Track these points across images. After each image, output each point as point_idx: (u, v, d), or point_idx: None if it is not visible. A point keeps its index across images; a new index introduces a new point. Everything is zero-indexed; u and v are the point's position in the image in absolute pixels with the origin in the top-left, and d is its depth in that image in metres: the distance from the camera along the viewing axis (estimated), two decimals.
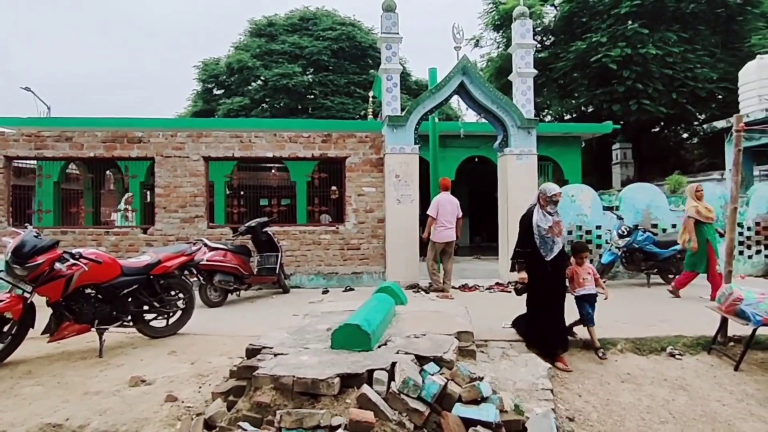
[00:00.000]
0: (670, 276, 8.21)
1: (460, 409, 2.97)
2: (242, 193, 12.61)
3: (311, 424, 2.70)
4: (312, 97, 28.05)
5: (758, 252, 9.15)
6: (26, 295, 4.17)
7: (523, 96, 8.72)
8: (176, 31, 69.00)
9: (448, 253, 7.65)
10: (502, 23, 16.29)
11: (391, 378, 3.09)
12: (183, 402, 3.58)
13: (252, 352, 3.56)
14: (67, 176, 12.24)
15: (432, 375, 3.13)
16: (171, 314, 5.18)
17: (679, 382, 4.29)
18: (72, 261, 4.23)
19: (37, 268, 4.03)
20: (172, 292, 5.17)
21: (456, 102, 21.04)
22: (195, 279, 5.78)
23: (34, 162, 9.91)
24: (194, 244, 6.42)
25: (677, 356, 4.79)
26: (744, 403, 3.89)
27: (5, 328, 4.14)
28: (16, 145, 7.75)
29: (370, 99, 22.74)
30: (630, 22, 13.58)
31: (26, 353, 4.42)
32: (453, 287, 7.89)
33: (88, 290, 4.50)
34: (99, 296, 4.56)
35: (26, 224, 4.44)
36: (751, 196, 9.17)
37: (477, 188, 16.91)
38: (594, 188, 9.38)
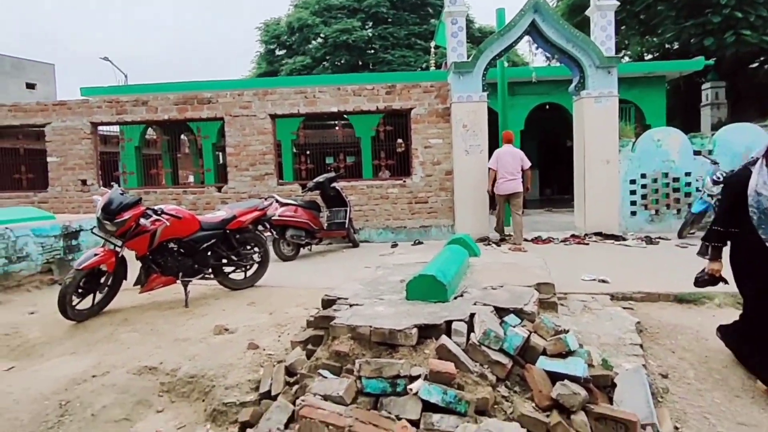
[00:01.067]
0: None
1: (545, 363, 2.81)
2: (308, 151, 12.75)
3: (390, 373, 2.66)
4: (372, 51, 27.54)
5: None
6: (117, 249, 4.44)
7: (603, 32, 7.94)
8: None
9: (516, 205, 7.34)
10: None
11: (470, 330, 2.99)
12: (264, 350, 3.69)
13: (327, 302, 3.58)
14: (147, 141, 12.88)
15: (513, 327, 2.99)
16: (248, 267, 5.36)
17: None
18: (155, 217, 4.42)
19: (125, 223, 4.25)
20: (248, 246, 5.33)
21: (525, 46, 19.69)
22: (268, 234, 5.92)
23: (117, 129, 10.52)
24: (266, 199, 6.57)
25: None
26: None
27: (102, 280, 4.44)
28: (99, 112, 8.19)
29: (432, 49, 21.99)
30: None
31: (121, 303, 4.75)
32: (525, 239, 7.59)
33: (171, 245, 4.71)
34: (181, 250, 4.77)
35: (112, 183, 4.68)
36: None
37: (547, 137, 16.05)
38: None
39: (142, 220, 4.35)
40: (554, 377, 2.77)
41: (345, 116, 10.27)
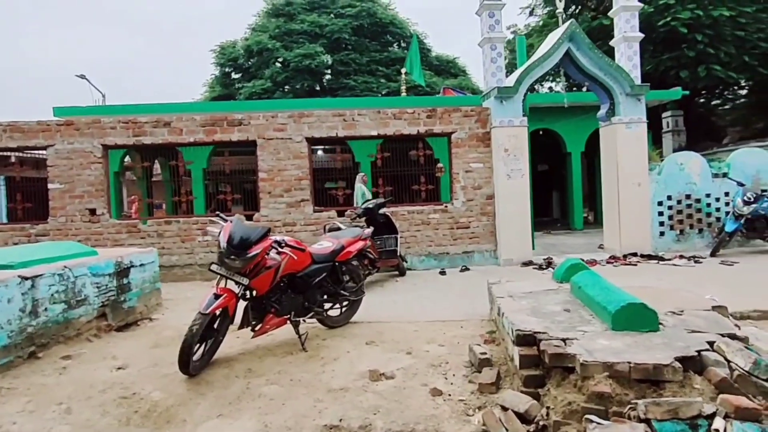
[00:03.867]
0: None
1: None
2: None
3: (690, 413, 2.42)
4: (334, 77, 27.43)
5: None
6: (235, 288, 3.87)
7: (629, 61, 8.34)
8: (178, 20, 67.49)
9: None
10: None
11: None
12: (450, 395, 3.31)
13: (525, 337, 3.28)
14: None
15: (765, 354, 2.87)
16: (344, 303, 4.90)
17: None
18: (279, 249, 3.92)
19: (255, 258, 3.72)
20: (349, 280, 4.89)
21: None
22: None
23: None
24: (327, 229, 6.14)
25: None
26: None
27: (215, 325, 3.84)
28: (113, 133, 7.35)
29: (403, 75, 22.30)
30: None
31: (221, 350, 4.13)
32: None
33: (283, 281, 4.20)
34: (292, 287, 4.26)
35: (218, 213, 4.10)
36: None
37: (538, 162, 16.57)
38: None
39: (272, 254, 3.83)
40: None
41: (346, 141, 9.99)
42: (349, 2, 27.99)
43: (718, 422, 2.40)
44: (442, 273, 7.64)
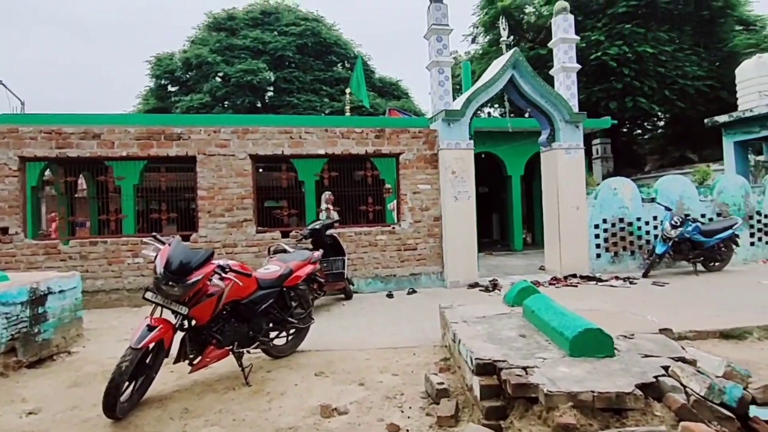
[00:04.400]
0: (712, 264, 8.58)
1: (759, 411, 2.78)
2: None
3: None
4: (277, 94, 27.00)
5: None
6: (172, 318, 3.50)
7: (568, 90, 8.74)
8: (115, 24, 64.25)
9: None
10: (494, 21, 16.49)
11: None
12: (408, 431, 3.12)
13: (485, 366, 3.16)
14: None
15: (715, 377, 2.92)
16: (291, 331, 4.61)
17: None
18: (222, 275, 3.60)
19: (196, 284, 3.38)
20: (297, 306, 4.61)
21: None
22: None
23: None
24: (271, 252, 5.86)
25: None
26: None
27: (148, 360, 3.44)
28: (33, 144, 6.67)
29: (348, 95, 22.37)
30: (625, 25, 14.20)
31: (153, 387, 3.71)
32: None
33: (225, 309, 3.87)
34: (235, 315, 3.93)
35: (154, 234, 3.71)
36: (767, 186, 9.80)
37: (479, 184, 16.95)
38: None
39: (215, 280, 3.51)
40: None
41: (290, 159, 9.74)
42: (294, 21, 27.88)
43: None
44: (390, 296, 7.49)
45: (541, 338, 3.67)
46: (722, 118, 11.75)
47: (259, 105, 27.55)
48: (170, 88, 27.92)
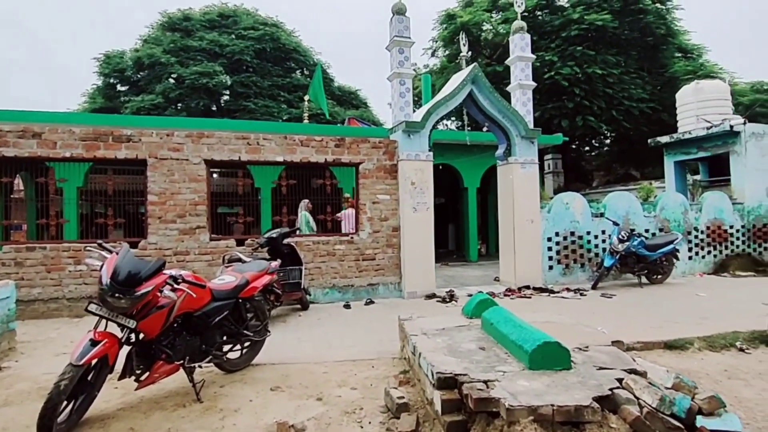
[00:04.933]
0: (655, 277, 9.02)
1: (706, 422, 2.89)
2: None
3: None
4: (233, 98, 26.40)
5: (709, 252, 10.43)
6: (118, 332, 3.28)
7: (524, 107, 9.01)
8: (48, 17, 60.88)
9: None
10: (453, 37, 16.85)
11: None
12: None
13: (446, 380, 3.15)
14: None
15: (665, 389, 3.02)
16: (246, 343, 4.45)
17: None
18: (174, 286, 3.42)
19: (145, 296, 3.19)
20: (249, 316, 4.45)
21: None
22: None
23: None
24: (225, 261, 5.67)
25: (747, 350, 5.22)
26: None
27: (89, 377, 3.21)
28: None
29: (306, 103, 22.20)
30: (577, 47, 14.88)
31: (95, 404, 3.46)
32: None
33: (176, 321, 3.68)
34: (187, 327, 3.75)
35: (99, 242, 3.48)
36: (703, 204, 10.45)
37: (436, 195, 17.15)
38: None
39: (166, 291, 3.32)
40: None
41: (247, 166, 9.52)
42: (253, 25, 27.43)
43: None
44: (347, 306, 7.40)
45: (501, 351, 3.71)
46: (664, 139, 12.48)
47: (214, 108, 26.88)
48: (120, 88, 26.75)
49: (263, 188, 11.85)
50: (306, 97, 21.55)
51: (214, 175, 15.07)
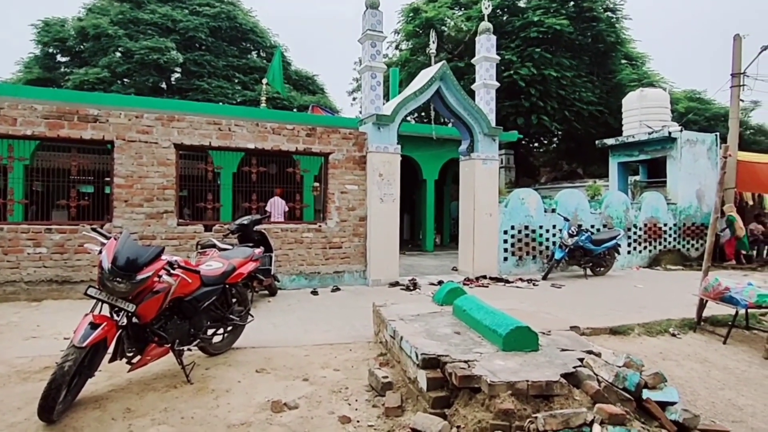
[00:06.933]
0: (599, 269, 9.79)
1: (652, 394, 3.37)
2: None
3: (577, 422, 2.83)
4: (185, 76, 25.46)
5: (645, 248, 11.40)
6: (114, 315, 3.36)
7: (487, 105, 9.45)
8: None
9: None
10: (417, 31, 17.10)
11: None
12: (358, 422, 3.33)
13: (430, 361, 3.46)
14: None
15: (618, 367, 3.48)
16: (229, 327, 4.59)
17: (699, 356, 5.33)
18: (170, 271, 3.53)
19: (146, 281, 3.29)
20: (234, 302, 4.59)
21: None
22: None
23: None
24: (199, 247, 5.73)
25: (678, 336, 5.91)
26: (754, 367, 5.04)
27: (86, 360, 3.28)
28: None
29: (264, 85, 21.86)
30: (535, 48, 15.54)
31: (87, 387, 3.52)
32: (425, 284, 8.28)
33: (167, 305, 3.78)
34: (178, 312, 3.86)
35: (94, 227, 3.50)
36: (642, 203, 11.38)
37: None
38: None
39: (164, 276, 3.42)
40: (661, 406, 3.35)
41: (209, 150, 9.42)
42: (208, 1, 26.46)
43: (596, 428, 2.85)
44: (314, 293, 7.59)
45: (474, 335, 4.07)
46: (610, 141, 13.40)
47: (164, 86, 25.85)
48: (60, 58, 25.12)
49: (223, 174, 11.72)
50: (264, 80, 21.22)
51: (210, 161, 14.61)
